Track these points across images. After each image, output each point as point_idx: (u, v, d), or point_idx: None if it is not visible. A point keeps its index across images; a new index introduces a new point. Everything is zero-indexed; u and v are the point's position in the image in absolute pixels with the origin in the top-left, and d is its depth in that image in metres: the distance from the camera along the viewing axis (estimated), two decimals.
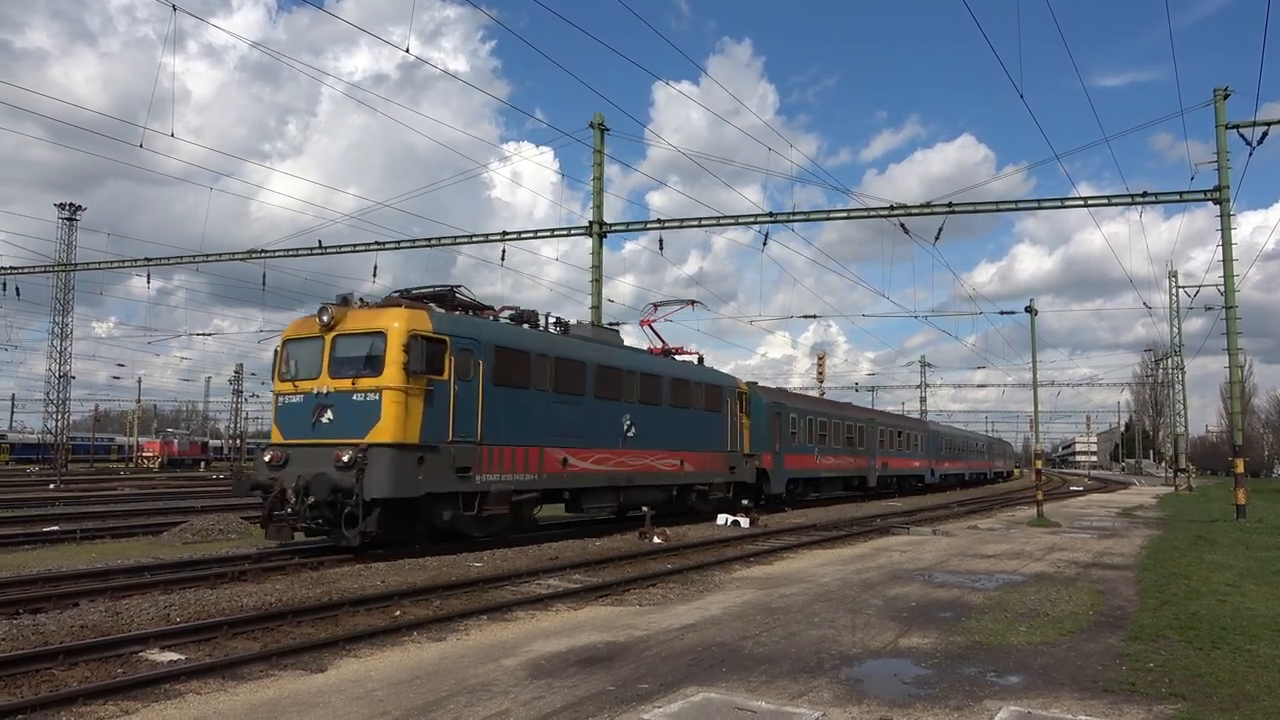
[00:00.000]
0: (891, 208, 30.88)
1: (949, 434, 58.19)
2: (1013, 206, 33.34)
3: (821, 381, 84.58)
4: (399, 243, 35.11)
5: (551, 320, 19.74)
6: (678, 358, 25.11)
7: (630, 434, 20.22)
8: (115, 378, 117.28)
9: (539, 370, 17.40)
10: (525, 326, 18.45)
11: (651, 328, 26.59)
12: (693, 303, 28.68)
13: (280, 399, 15.53)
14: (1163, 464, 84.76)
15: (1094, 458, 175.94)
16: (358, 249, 35.53)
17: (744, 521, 22.25)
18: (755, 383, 30.30)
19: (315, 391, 14.92)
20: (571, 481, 18.40)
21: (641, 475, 20.71)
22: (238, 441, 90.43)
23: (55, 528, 19.05)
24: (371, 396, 14.37)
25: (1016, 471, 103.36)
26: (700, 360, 25.77)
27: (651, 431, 21.06)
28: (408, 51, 18.74)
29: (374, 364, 14.52)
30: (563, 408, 18.05)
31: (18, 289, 46.17)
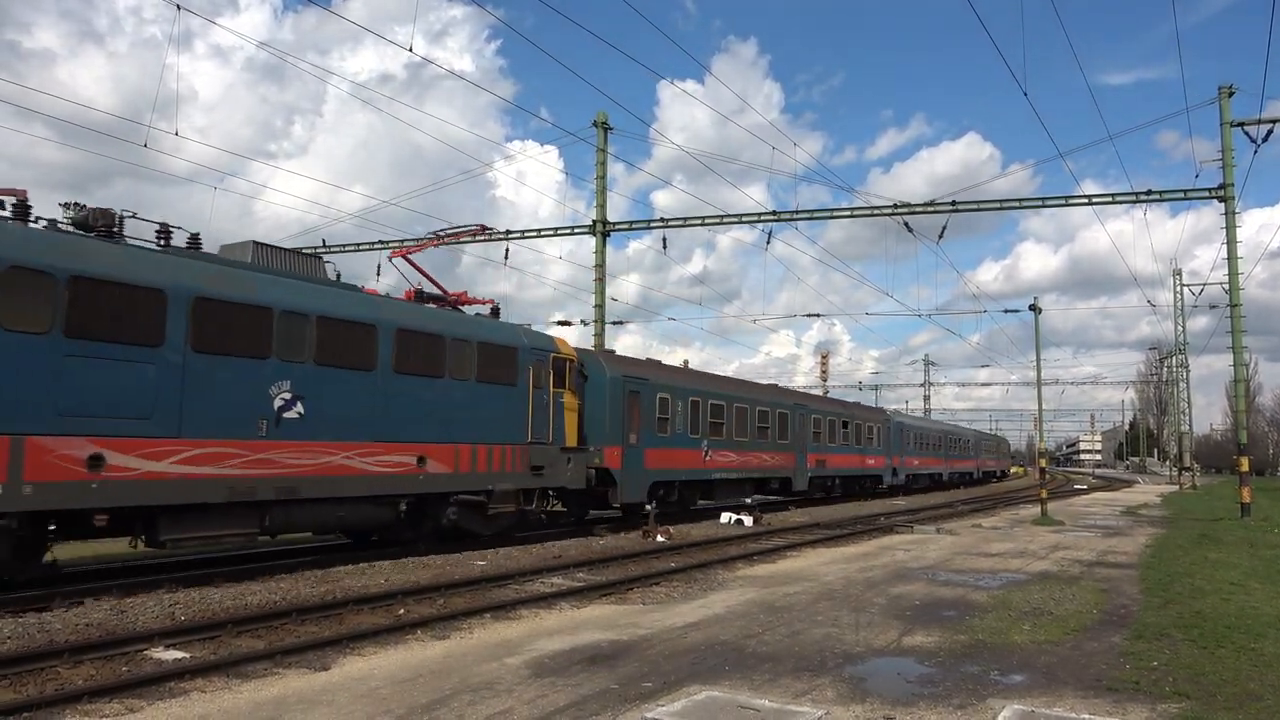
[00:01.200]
0: (895, 206, 30.87)
1: (920, 427, 49.64)
2: (1016, 205, 33.32)
3: (825, 380, 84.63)
4: (403, 241, 35.15)
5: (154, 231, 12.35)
6: (465, 308, 17.79)
7: (293, 414, 12.66)
8: None
9: (9, 295, 9.97)
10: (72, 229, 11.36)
11: (408, 260, 18.42)
12: (483, 228, 20.47)
13: None
14: (1167, 462, 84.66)
15: (1098, 456, 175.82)
16: (361, 248, 35.62)
17: (747, 520, 22.33)
18: (611, 350, 23.17)
19: None
20: (109, 496, 10.63)
21: (318, 482, 12.93)
22: None
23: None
24: None
25: (1020, 470, 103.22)
26: (495, 313, 18.29)
27: (347, 411, 13.51)
28: (411, 51, 18.72)
29: None
30: (92, 365, 10.57)
31: None
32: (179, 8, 16.63)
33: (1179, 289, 58.09)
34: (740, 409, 26.82)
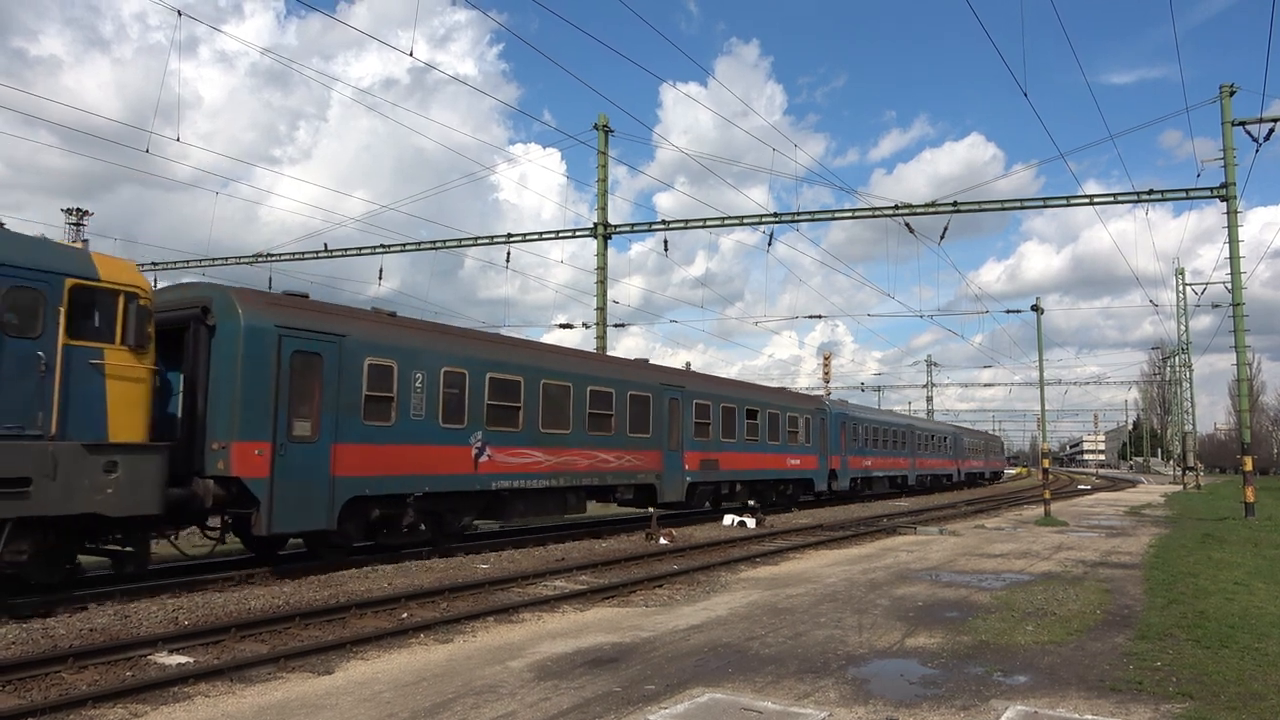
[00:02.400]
0: (896, 207, 30.87)
1: (875, 420, 39.76)
2: (1017, 205, 33.19)
3: (828, 381, 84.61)
4: (404, 245, 35.24)
5: None
6: None
7: None
8: None
9: None
10: None
11: None
12: None
13: None
14: (1171, 462, 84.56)
15: (1102, 456, 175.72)
16: (363, 252, 35.73)
17: (750, 522, 22.34)
18: (288, 298, 14.26)
19: None
20: None
21: None
22: None
23: None
24: None
25: (1024, 470, 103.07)
26: None
27: None
28: (411, 55, 18.79)
29: None
30: None
31: None
32: (179, 13, 16.69)
33: (1181, 288, 58.04)
34: (556, 388, 18.33)
